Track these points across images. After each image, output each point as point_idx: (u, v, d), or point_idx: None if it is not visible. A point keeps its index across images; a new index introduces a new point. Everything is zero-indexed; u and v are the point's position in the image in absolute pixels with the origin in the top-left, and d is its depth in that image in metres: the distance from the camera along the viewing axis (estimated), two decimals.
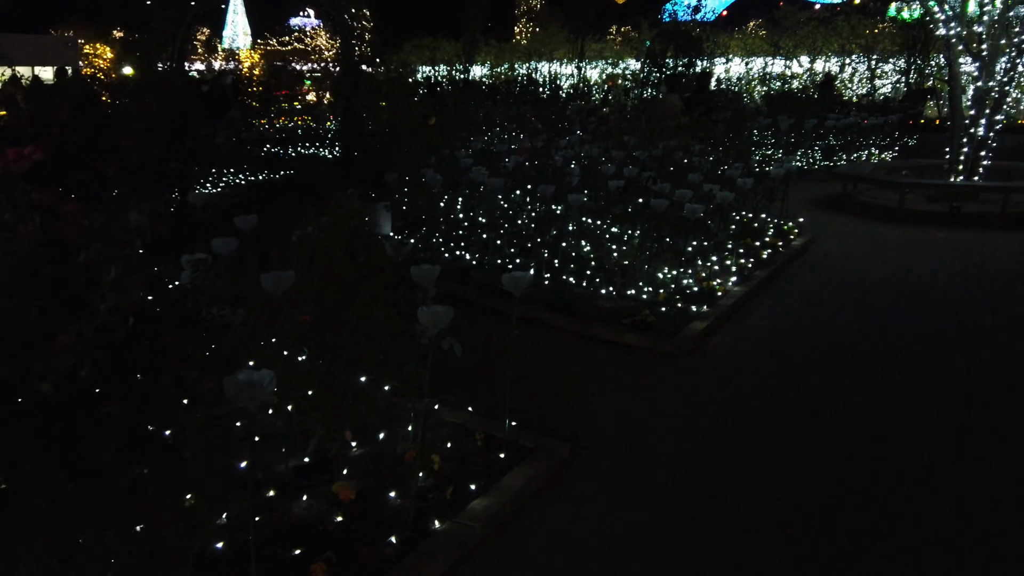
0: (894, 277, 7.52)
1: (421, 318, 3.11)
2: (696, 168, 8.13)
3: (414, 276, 3.79)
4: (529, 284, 3.81)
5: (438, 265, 3.94)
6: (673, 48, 17.40)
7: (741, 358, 5.53)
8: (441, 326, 3.13)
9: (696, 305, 6.33)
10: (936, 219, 10.11)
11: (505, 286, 3.80)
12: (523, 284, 3.76)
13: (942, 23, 10.89)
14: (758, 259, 7.71)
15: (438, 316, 3.10)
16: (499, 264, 7.45)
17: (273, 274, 3.35)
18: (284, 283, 3.35)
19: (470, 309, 6.74)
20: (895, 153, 15.74)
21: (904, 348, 5.69)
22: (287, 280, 3.35)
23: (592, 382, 5.14)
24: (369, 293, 3.64)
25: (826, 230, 9.57)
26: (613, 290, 6.64)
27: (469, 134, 10.94)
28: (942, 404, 4.75)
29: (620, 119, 11.31)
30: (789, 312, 6.52)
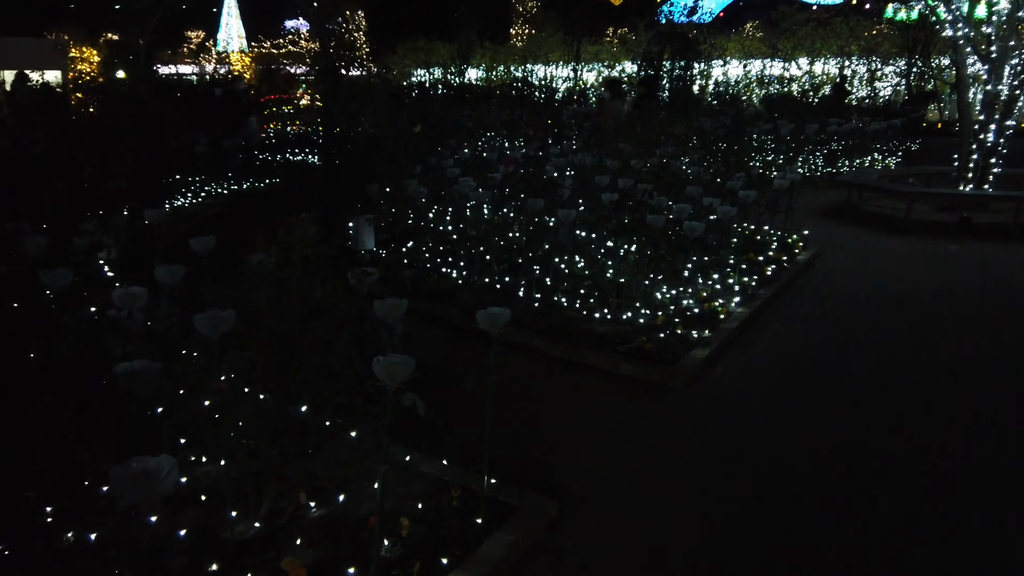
0: (908, 296, 7.08)
1: (377, 371, 2.66)
2: (695, 179, 7.70)
3: (378, 312, 3.34)
4: (506, 323, 3.34)
5: (406, 299, 3.48)
6: (670, 50, 16.96)
7: (746, 393, 5.08)
8: (402, 379, 2.67)
9: (697, 329, 5.89)
10: (946, 230, 9.67)
11: (480, 325, 3.35)
12: (500, 323, 3.31)
13: (949, 24, 10.46)
14: (762, 276, 7.27)
15: (397, 369, 2.64)
16: (487, 283, 7.01)
17: (209, 314, 2.89)
18: (222, 325, 2.89)
19: (455, 332, 6.31)
20: (898, 159, 15.32)
21: (929, 382, 5.25)
22: (225, 321, 2.89)
23: (584, 421, 4.69)
24: (326, 332, 3.19)
25: (832, 242, 9.13)
26: (608, 312, 6.19)
27: (459, 141, 10.47)
28: (980, 452, 4.31)
29: (616, 125, 10.88)
30: (797, 337, 6.08)
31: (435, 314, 6.74)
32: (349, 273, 3.64)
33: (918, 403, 4.89)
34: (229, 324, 2.89)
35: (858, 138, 14.80)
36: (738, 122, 12.73)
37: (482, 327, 3.31)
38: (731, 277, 6.96)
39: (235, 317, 2.91)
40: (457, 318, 6.58)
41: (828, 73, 26.29)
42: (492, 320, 3.26)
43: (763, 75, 26.62)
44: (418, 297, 7.05)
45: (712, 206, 6.63)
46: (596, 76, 32.88)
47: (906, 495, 3.82)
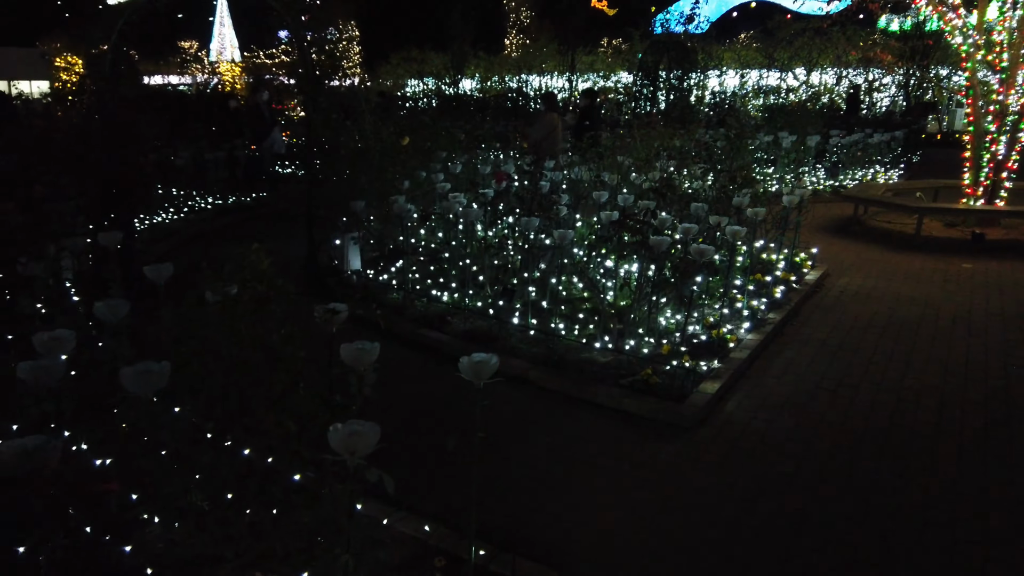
0: (924, 320, 6.67)
1: (333, 443, 2.22)
2: (697, 194, 7.29)
3: (344, 358, 2.90)
4: (493, 372, 2.91)
5: (377, 343, 3.05)
6: (666, 60, 16.60)
7: (761, 432, 4.65)
8: (363, 451, 2.23)
9: (706, 359, 5.47)
10: (958, 247, 9.28)
11: (464, 375, 2.91)
12: (486, 373, 2.87)
13: (958, 31, 10.10)
14: (771, 298, 6.86)
15: (357, 441, 2.20)
16: (480, 307, 6.58)
17: (139, 368, 2.44)
18: (154, 381, 2.44)
19: (445, 362, 5.87)
20: (901, 171, 14.96)
21: (958, 420, 4.83)
22: (157, 377, 2.44)
23: (585, 467, 4.25)
24: (283, 385, 2.75)
25: (840, 260, 8.73)
26: (609, 339, 5.77)
27: (452, 154, 10.05)
28: (1019, 494, 3.89)
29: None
30: (811, 368, 5.65)
31: (423, 341, 6.31)
32: (315, 311, 3.20)
33: (948, 443, 4.47)
34: (163, 381, 2.45)
35: (860, 150, 14.45)
36: (740, 134, 12.37)
37: (466, 377, 2.86)
38: (740, 300, 6.55)
39: (168, 371, 2.47)
40: (447, 346, 6.15)
41: (826, 84, 25.99)
42: (477, 370, 2.82)
43: (760, 85, 26.31)
44: (406, 322, 6.63)
45: (720, 225, 6.21)
46: (592, 87, 32.58)
47: (946, 554, 3.39)
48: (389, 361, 6.16)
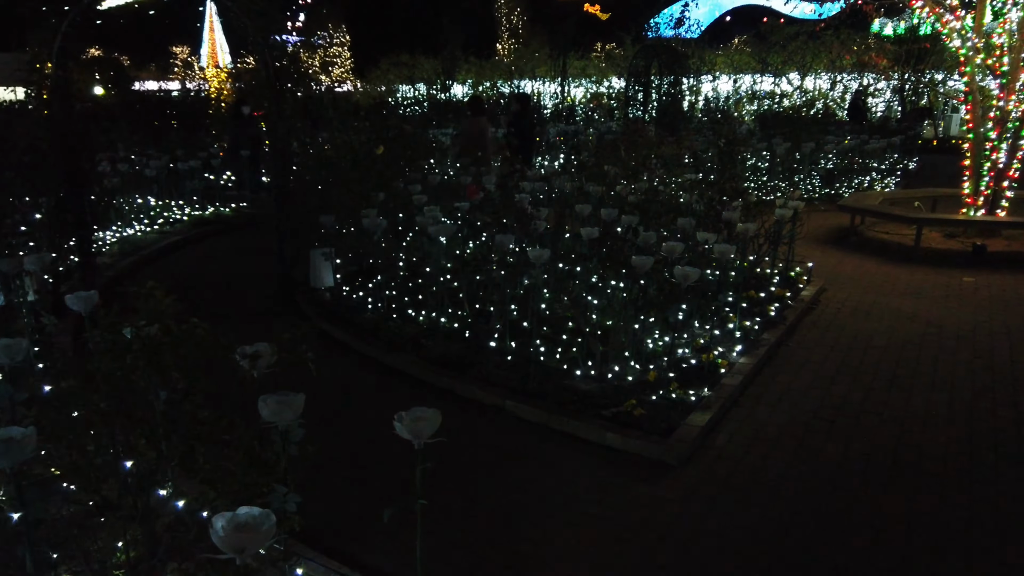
0: (926, 339, 6.31)
1: (216, 540, 1.82)
2: (686, 208, 6.92)
3: (264, 413, 2.51)
4: (435, 431, 2.52)
5: (302, 394, 2.66)
6: (657, 64, 16.25)
7: (753, 473, 4.27)
8: (253, 551, 1.83)
9: (695, 386, 5.09)
10: (958, 259, 8.93)
11: (401, 433, 2.53)
12: (426, 432, 2.49)
13: (956, 33, 9.76)
14: (764, 316, 6.49)
15: (247, 540, 1.81)
16: (455, 329, 6.20)
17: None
18: (15, 453, 2.04)
19: (419, 390, 5.50)
20: (897, 178, 14.63)
21: (966, 455, 4.46)
22: (20, 447, 2.04)
23: (565, 514, 3.86)
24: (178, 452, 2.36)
25: (836, 274, 8.37)
26: (592, 364, 5.39)
27: (434, 163, 9.66)
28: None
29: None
30: (807, 395, 5.28)
31: (395, 365, 5.93)
32: (237, 353, 2.81)
33: (960, 481, 4.10)
34: (27, 451, 2.05)
35: (856, 158, 14.11)
36: (731, 141, 12.01)
37: (403, 436, 2.48)
38: (731, 321, 6.18)
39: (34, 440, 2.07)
40: (419, 372, 5.77)
41: (820, 88, 25.68)
42: (415, 429, 2.44)
43: (753, 90, 25.99)
44: (378, 344, 6.25)
45: (708, 243, 5.83)
46: (584, 92, 32.24)
47: None
48: (354, 388, 5.81)
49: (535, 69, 31.14)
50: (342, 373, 5.94)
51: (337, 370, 6.01)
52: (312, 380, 5.84)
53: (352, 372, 5.95)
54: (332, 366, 6.09)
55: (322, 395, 5.46)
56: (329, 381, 5.78)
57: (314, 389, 5.69)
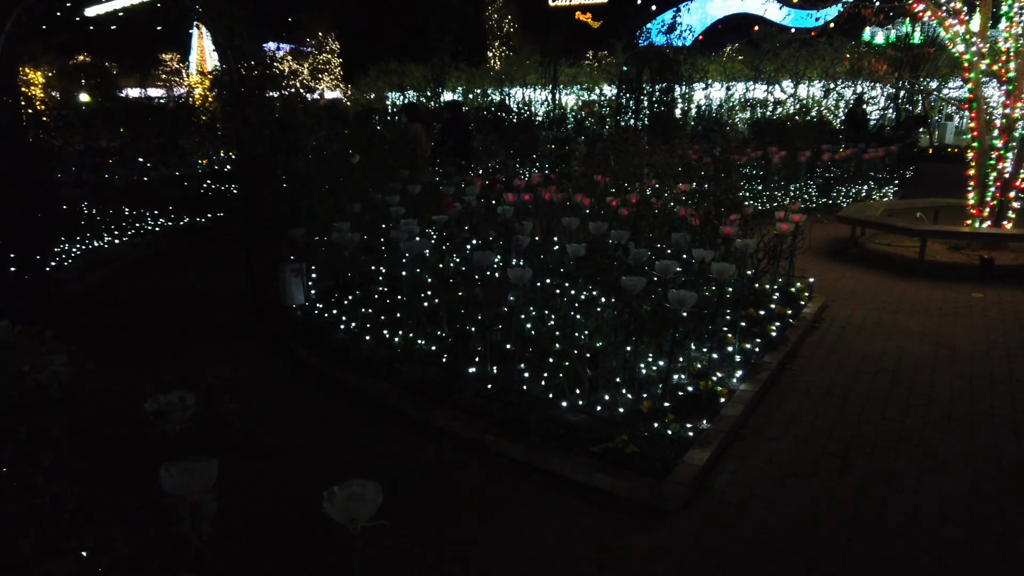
0: (938, 362, 5.89)
1: None
2: (680, 222, 6.49)
3: (164, 484, 2.05)
4: (372, 515, 2.05)
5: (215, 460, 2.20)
6: (648, 71, 15.86)
7: (758, 520, 3.83)
8: None
9: (692, 418, 4.65)
10: (965, 273, 8.53)
11: (331, 514, 2.06)
12: (364, 514, 2.02)
13: (960, 38, 9.40)
14: (765, 336, 6.06)
15: None
16: (433, 352, 5.74)
17: None
18: None
19: (392, 420, 5.05)
20: (896, 187, 14.27)
21: (988, 498, 4.03)
22: None
23: (544, 572, 3.40)
24: None
25: (839, 289, 7.96)
26: (580, 392, 4.94)
27: (415, 172, 9.20)
28: None
29: (592, 154, 9.62)
30: (814, 425, 4.85)
31: (366, 392, 5.47)
32: (147, 404, 2.35)
33: (986, 528, 3.67)
34: None
35: (854, 166, 13.75)
36: (727, 150, 11.63)
37: (335, 519, 2.02)
38: (730, 343, 5.75)
39: None
40: (392, 399, 5.31)
41: (814, 96, 25.38)
42: (349, 510, 1.98)
43: (746, 98, 25.68)
44: (349, 368, 5.79)
45: (705, 261, 5.40)
46: (576, 99, 31.88)
47: None
48: (318, 419, 5.33)
49: (526, 76, 30.78)
50: (307, 400, 5.48)
51: (302, 397, 5.56)
52: (275, 409, 5.38)
53: (318, 399, 5.50)
54: (297, 393, 5.64)
55: (281, 427, 5.00)
56: (291, 410, 5.32)
57: (274, 420, 5.26)
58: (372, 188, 7.67)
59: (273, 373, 6.06)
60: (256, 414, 5.22)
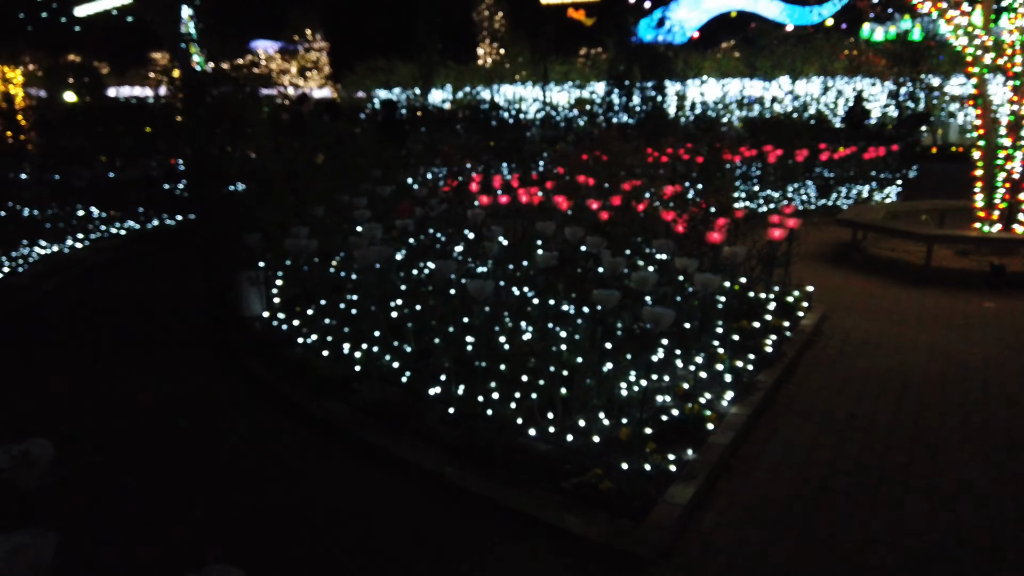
0: (948, 381, 5.38)
1: None
2: (661, 227, 5.99)
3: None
4: None
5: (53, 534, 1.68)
6: (638, 68, 15.34)
7: (751, 568, 3.32)
8: None
9: (676, 446, 4.15)
10: (974, 281, 8.02)
11: None
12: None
13: (962, 30, 8.90)
14: (759, 352, 5.54)
15: None
16: (395, 369, 5.21)
17: None
18: None
19: (346, 447, 4.54)
20: (898, 188, 13.76)
21: (1016, 540, 3.52)
22: None
23: None
24: None
25: (839, 297, 7.46)
26: (553, 415, 4.44)
27: (390, 173, 8.67)
28: None
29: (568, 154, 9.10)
30: (813, 455, 4.34)
31: (320, 415, 4.95)
32: None
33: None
34: None
35: (854, 166, 13.25)
36: (716, 149, 11.11)
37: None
38: (720, 359, 5.23)
39: None
40: (348, 423, 4.79)
41: (811, 94, 24.88)
42: None
43: (742, 96, 25.17)
44: (304, 387, 5.28)
45: (688, 271, 4.87)
46: (567, 97, 31.36)
47: None
48: (263, 448, 4.78)
49: (515, 74, 30.28)
50: (254, 424, 4.97)
51: (249, 420, 5.04)
52: (216, 434, 4.86)
53: (267, 422, 4.99)
54: (245, 414, 5.13)
55: (215, 458, 4.45)
56: (234, 435, 4.81)
57: (209, 449, 4.73)
58: (340, 189, 7.16)
59: (221, 391, 5.55)
60: (192, 440, 4.70)
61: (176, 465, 4.40)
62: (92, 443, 4.64)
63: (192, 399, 5.38)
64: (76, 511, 3.77)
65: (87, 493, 3.97)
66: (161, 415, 5.09)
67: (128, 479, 4.21)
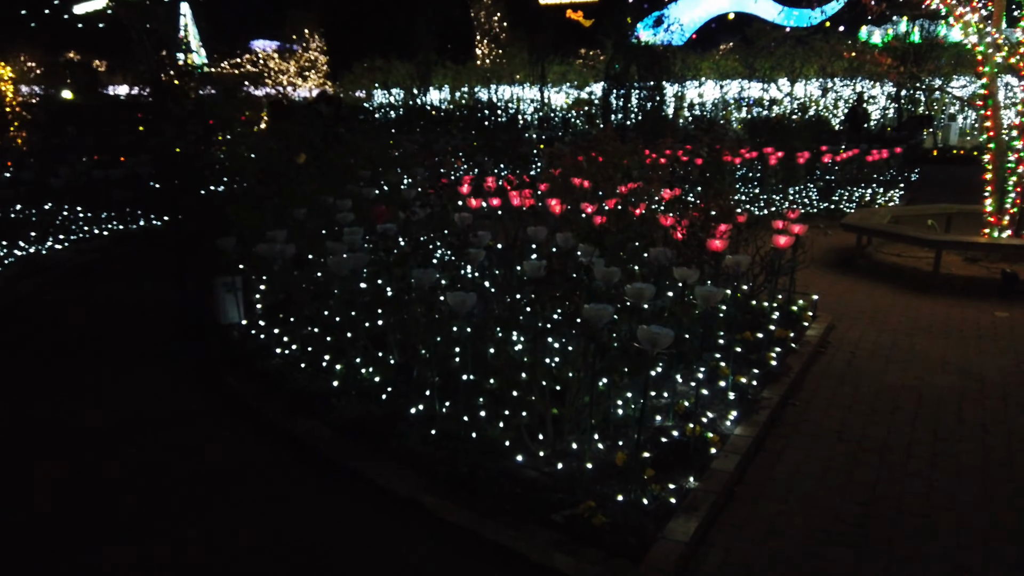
0: (965, 398, 5.07)
1: None
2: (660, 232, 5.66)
3: None
4: None
5: None
6: (636, 68, 15.01)
7: None
8: None
9: (676, 474, 3.84)
10: (985, 288, 7.69)
11: None
12: None
13: (974, 28, 8.58)
14: (763, 366, 5.23)
15: None
16: (377, 384, 4.88)
17: None
18: None
19: (321, 470, 4.21)
20: (900, 190, 13.45)
21: None
22: None
23: None
24: None
25: (846, 306, 7.14)
26: (543, 438, 4.12)
27: (380, 173, 8.34)
28: None
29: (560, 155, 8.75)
30: (824, 482, 4.02)
31: (296, 433, 4.62)
32: None
33: None
34: None
35: (856, 169, 12.94)
36: (716, 151, 10.80)
37: None
38: (722, 374, 4.91)
39: None
40: (324, 444, 4.46)
41: (811, 95, 24.59)
42: None
43: (741, 97, 24.86)
44: (279, 402, 4.95)
45: (688, 282, 4.54)
46: (565, 98, 31.02)
47: None
48: (230, 468, 4.44)
49: (513, 74, 29.96)
50: (226, 441, 4.65)
51: (221, 437, 4.72)
52: (183, 453, 4.53)
53: (240, 440, 4.66)
54: (217, 431, 4.81)
55: (175, 486, 4.08)
56: (202, 455, 4.48)
57: (173, 471, 4.38)
58: (326, 190, 6.83)
59: (194, 405, 5.23)
60: (155, 460, 4.37)
61: (122, 491, 4.06)
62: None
63: (158, 415, 5.06)
64: None
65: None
66: (115, 434, 4.74)
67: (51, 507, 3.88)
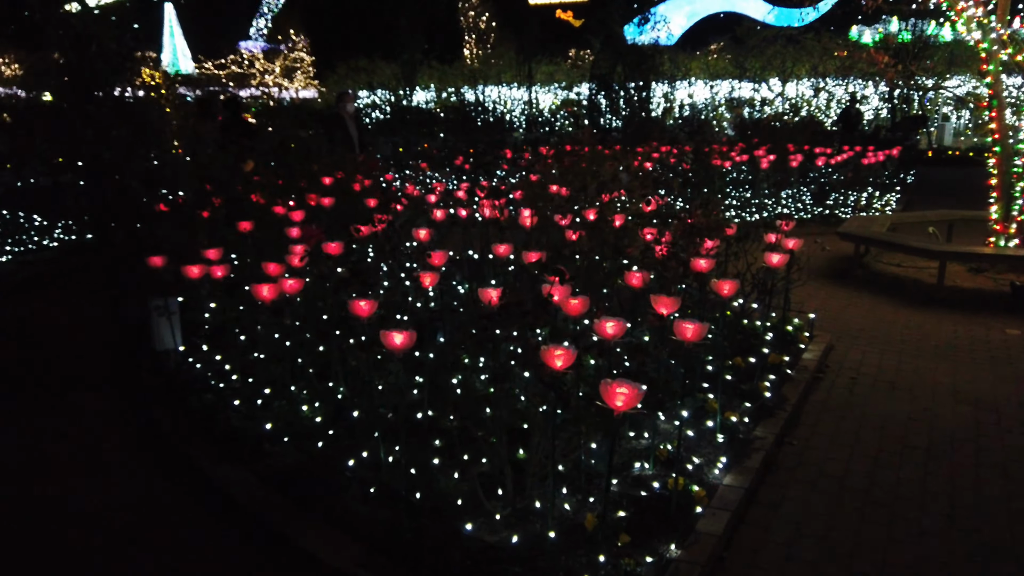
0: (982, 434, 4.51)
1: None
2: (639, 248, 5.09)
3: None
4: None
5: None
6: (622, 67, 14.47)
7: None
8: None
9: (655, 538, 3.27)
10: (993, 302, 7.14)
11: None
12: None
13: (977, 23, 8.05)
14: (757, 398, 4.66)
15: None
16: (317, 425, 4.30)
17: None
18: None
19: (244, 530, 3.63)
20: (897, 194, 12.93)
21: None
22: None
23: None
24: None
25: (845, 323, 6.59)
26: (502, 494, 3.55)
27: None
28: None
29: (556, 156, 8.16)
30: (827, 541, 3.45)
31: (221, 484, 4.02)
32: None
33: None
34: None
35: (852, 171, 12.40)
36: (704, 153, 10.27)
37: None
38: (710, 410, 4.35)
39: None
40: (251, 499, 3.87)
41: (802, 95, 24.10)
42: None
43: (732, 97, 24.35)
44: (207, 445, 4.37)
45: (668, 321, 3.95)
46: (554, 98, 30.47)
47: None
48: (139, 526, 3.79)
49: (501, 75, 29.40)
50: (142, 492, 4.06)
51: (137, 486, 4.13)
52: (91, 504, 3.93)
53: (159, 490, 4.08)
54: (133, 478, 4.22)
55: (70, 554, 3.49)
56: (112, 509, 3.89)
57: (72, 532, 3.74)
58: (280, 201, 6.23)
59: (112, 445, 4.64)
60: (57, 518, 3.77)
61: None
62: None
63: (72, 457, 4.47)
64: None
65: None
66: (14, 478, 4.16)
67: None
